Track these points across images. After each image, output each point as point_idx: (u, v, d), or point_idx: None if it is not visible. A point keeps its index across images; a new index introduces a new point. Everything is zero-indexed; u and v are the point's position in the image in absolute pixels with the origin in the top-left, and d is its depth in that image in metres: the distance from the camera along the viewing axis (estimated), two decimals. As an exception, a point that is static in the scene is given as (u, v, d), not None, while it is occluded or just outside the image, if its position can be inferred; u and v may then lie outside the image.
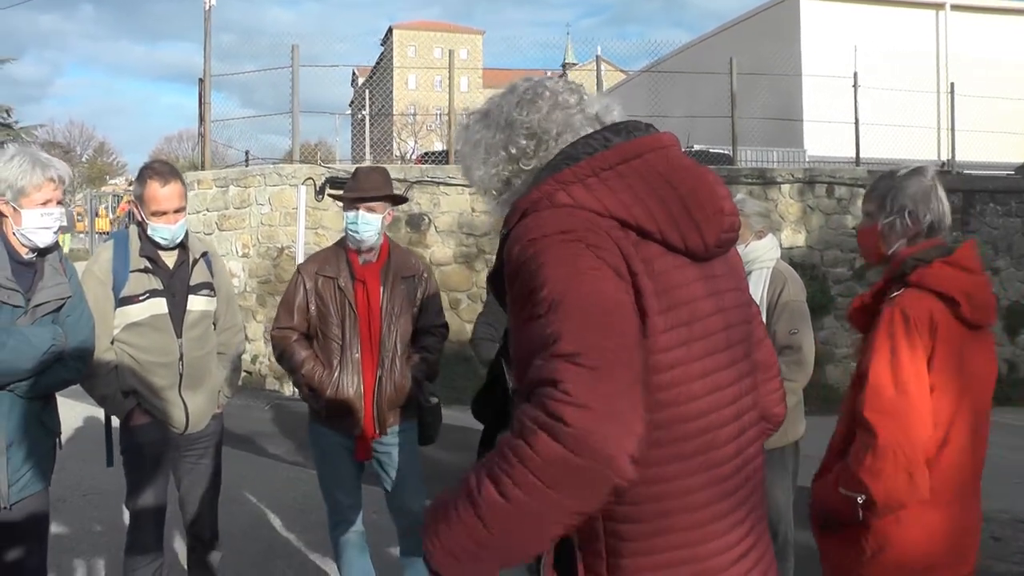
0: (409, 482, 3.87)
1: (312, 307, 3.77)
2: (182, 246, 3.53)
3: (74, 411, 8.16)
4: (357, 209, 3.72)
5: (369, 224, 3.73)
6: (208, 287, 3.58)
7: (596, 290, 1.28)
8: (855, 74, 14.08)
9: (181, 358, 3.46)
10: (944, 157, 15.00)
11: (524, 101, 1.57)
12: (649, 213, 1.40)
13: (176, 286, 3.48)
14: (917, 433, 2.18)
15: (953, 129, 14.62)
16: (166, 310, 3.43)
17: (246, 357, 10.61)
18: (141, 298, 3.39)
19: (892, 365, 2.20)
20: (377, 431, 3.75)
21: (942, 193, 2.42)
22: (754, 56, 15.91)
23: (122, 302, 3.38)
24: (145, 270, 3.42)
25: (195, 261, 3.55)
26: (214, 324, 3.68)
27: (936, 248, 2.37)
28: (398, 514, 3.93)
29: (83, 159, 61.36)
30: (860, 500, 2.20)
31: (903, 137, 15.43)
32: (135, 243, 3.43)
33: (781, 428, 1.85)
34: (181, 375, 3.46)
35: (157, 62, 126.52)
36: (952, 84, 15.31)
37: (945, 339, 2.24)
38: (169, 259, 3.50)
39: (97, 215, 33.42)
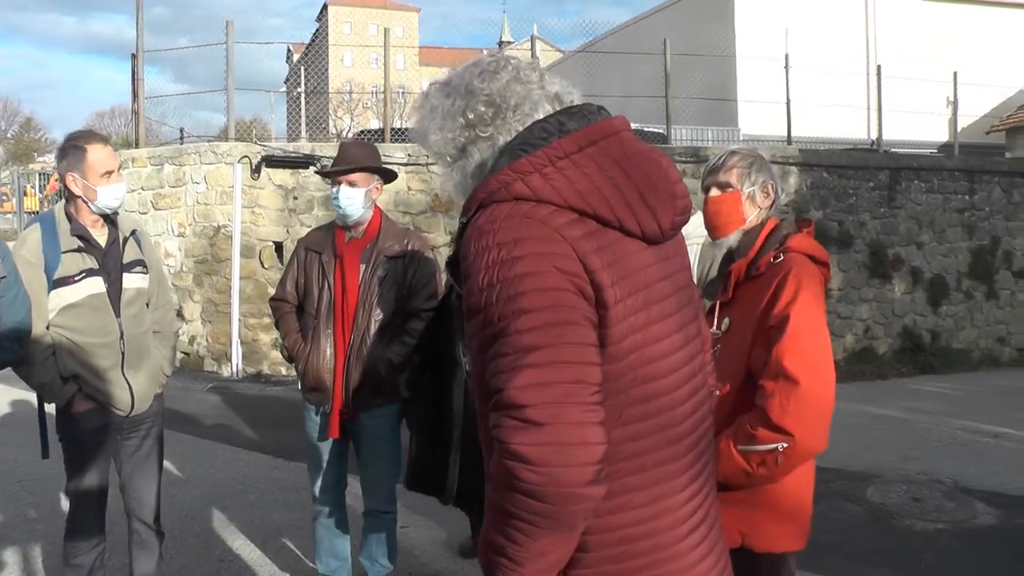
0: (378, 467, 3.90)
1: (301, 280, 3.85)
2: (112, 223, 3.46)
3: (5, 396, 8.00)
4: (339, 184, 3.71)
5: (350, 198, 3.70)
6: (141, 264, 3.52)
7: (543, 315, 1.34)
8: (786, 56, 14.35)
9: (121, 337, 3.40)
10: (872, 136, 15.39)
11: (486, 72, 1.58)
12: (606, 202, 1.43)
13: (110, 264, 3.40)
14: (831, 383, 2.32)
15: (880, 109, 15.01)
16: (103, 289, 3.36)
17: (184, 339, 10.49)
18: (76, 279, 3.30)
19: (809, 321, 2.33)
20: (348, 411, 3.74)
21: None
22: (690, 36, 16.08)
23: (56, 284, 3.28)
24: (78, 249, 3.32)
25: (125, 239, 3.48)
26: (147, 303, 3.61)
27: (790, 221, 2.66)
28: (365, 495, 3.98)
29: (8, 135, 59.31)
30: (781, 448, 2.26)
31: (834, 117, 15.81)
32: (63, 223, 3.34)
33: None
34: (123, 354, 3.40)
35: (87, 34, 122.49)
36: (879, 67, 15.69)
37: (823, 295, 2.48)
38: (100, 237, 3.42)
39: (25, 194, 32.34)
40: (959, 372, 12.48)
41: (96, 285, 3.35)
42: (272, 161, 10.40)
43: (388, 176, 3.93)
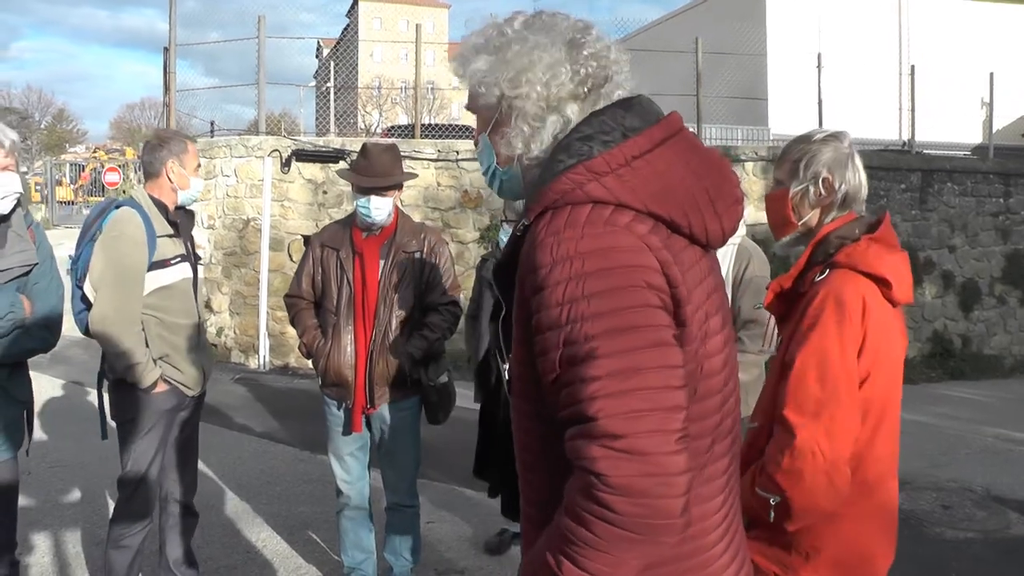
0: (399, 460, 3.92)
1: (318, 277, 3.85)
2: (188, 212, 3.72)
3: (38, 382, 8.09)
4: (368, 195, 3.71)
5: (380, 208, 3.74)
6: (198, 257, 3.74)
7: (640, 336, 1.25)
8: (819, 55, 14.21)
9: (199, 319, 3.63)
10: (905, 137, 15.21)
11: (580, 27, 1.46)
12: (680, 206, 1.35)
13: (188, 251, 3.62)
14: (841, 435, 1.99)
15: (913, 110, 14.83)
16: (191, 275, 3.58)
17: (212, 330, 10.56)
18: (173, 262, 3.47)
19: (819, 360, 2.00)
20: (370, 405, 3.77)
21: (859, 163, 2.23)
22: (721, 34, 15.96)
23: (153, 266, 3.41)
24: (171, 236, 3.49)
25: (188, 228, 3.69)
26: None
27: (858, 223, 2.19)
28: (387, 490, 4.00)
29: (42, 126, 60.06)
30: (773, 502, 2.02)
31: (866, 117, 15.63)
32: (151, 208, 3.46)
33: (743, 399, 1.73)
34: (200, 336, 3.62)
35: (120, 27, 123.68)
36: (912, 66, 15.50)
37: (876, 323, 2.05)
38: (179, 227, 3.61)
39: (58, 183, 32.79)
40: (990, 378, 12.33)
41: (186, 270, 3.55)
42: (302, 155, 10.43)
43: (410, 177, 4.09)
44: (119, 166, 26.67)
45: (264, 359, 10.26)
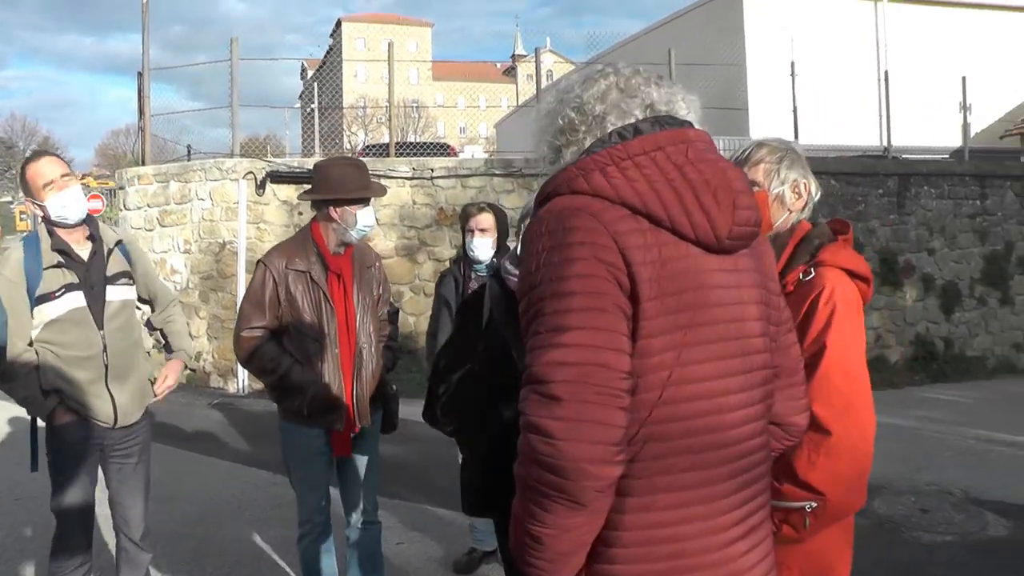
0: (368, 476, 3.84)
1: (283, 303, 3.58)
2: (92, 238, 3.48)
3: (4, 413, 8.02)
4: (363, 208, 3.67)
5: (368, 220, 3.70)
6: (126, 276, 3.55)
7: (578, 300, 1.40)
8: (792, 63, 14.28)
9: (105, 350, 3.41)
10: (884, 142, 15.28)
11: (589, 79, 1.67)
12: (658, 200, 1.47)
13: (93, 278, 3.42)
14: (870, 428, 1.99)
15: (888, 115, 14.90)
16: (84, 303, 3.38)
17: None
18: (57, 294, 3.33)
19: (841, 358, 2.00)
20: (357, 424, 3.70)
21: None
22: (700, 46, 16.06)
23: (39, 300, 3.31)
24: (59, 265, 3.35)
25: (109, 251, 3.50)
26: (152, 308, 3.76)
27: (822, 226, 2.26)
28: (352, 511, 3.86)
29: (26, 154, 59.91)
30: (810, 508, 1.96)
31: (846, 124, 15.70)
32: (45, 240, 3.37)
33: None
34: (106, 367, 3.42)
35: (105, 54, 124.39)
36: (886, 72, 15.59)
37: (862, 320, 2.11)
38: (83, 251, 3.44)
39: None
40: (974, 380, 12.31)
41: (76, 299, 3.37)
42: (277, 177, 10.42)
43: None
44: (102, 193, 26.53)
45: (243, 383, 10.19)
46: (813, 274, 2.11)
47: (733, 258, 1.53)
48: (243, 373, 10.20)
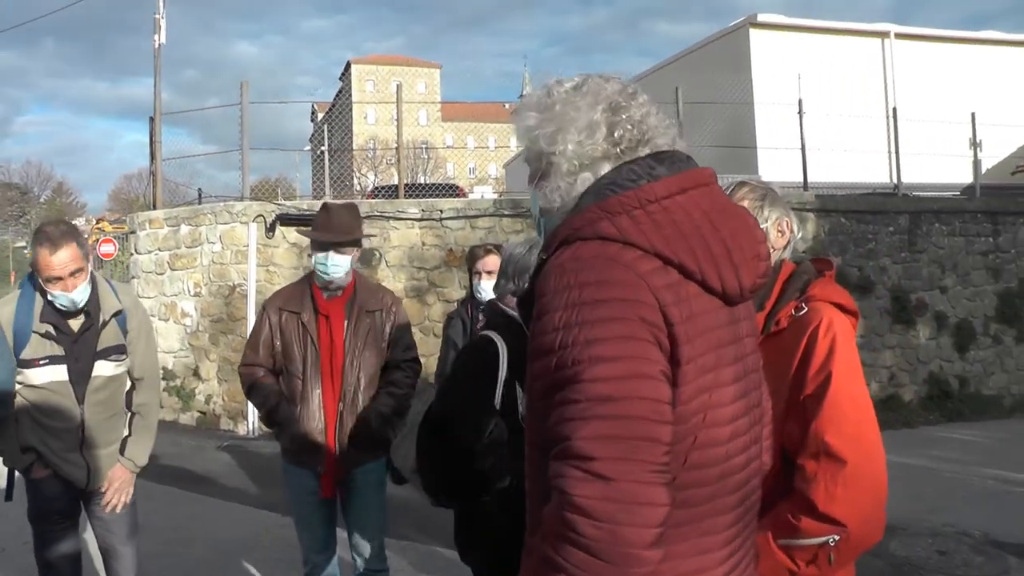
0: (369, 522, 3.82)
1: (277, 342, 3.73)
2: (86, 312, 3.36)
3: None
4: (327, 251, 3.69)
5: (339, 265, 3.70)
6: (118, 350, 3.44)
7: (622, 365, 1.28)
8: (799, 101, 14.33)
9: (82, 424, 3.33)
10: (893, 180, 15.27)
11: (627, 93, 1.55)
12: (692, 252, 1.38)
13: (80, 351, 3.33)
14: (882, 459, 1.97)
15: (897, 152, 14.89)
16: (66, 377, 3.30)
17: (200, 397, 10.49)
18: (40, 363, 3.27)
19: (850, 379, 1.99)
20: (342, 468, 3.69)
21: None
22: (708, 84, 16.15)
23: (21, 364, 3.25)
24: (46, 335, 3.28)
25: (104, 323, 3.39)
26: (137, 380, 3.56)
27: (806, 263, 2.25)
28: (356, 555, 3.87)
29: (41, 200, 60.66)
30: (833, 541, 1.92)
31: (856, 161, 15.71)
32: (39, 303, 3.30)
33: None
34: (82, 439, 3.35)
35: (119, 98, 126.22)
36: (894, 109, 15.63)
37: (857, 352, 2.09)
38: (75, 324, 3.34)
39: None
40: (990, 419, 12.15)
41: (58, 373, 3.30)
42: (286, 219, 10.46)
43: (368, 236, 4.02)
44: (115, 237, 26.74)
45: (252, 425, 10.16)
46: (806, 309, 2.10)
47: (736, 308, 1.49)
48: (252, 415, 10.17)
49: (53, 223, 3.42)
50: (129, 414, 3.56)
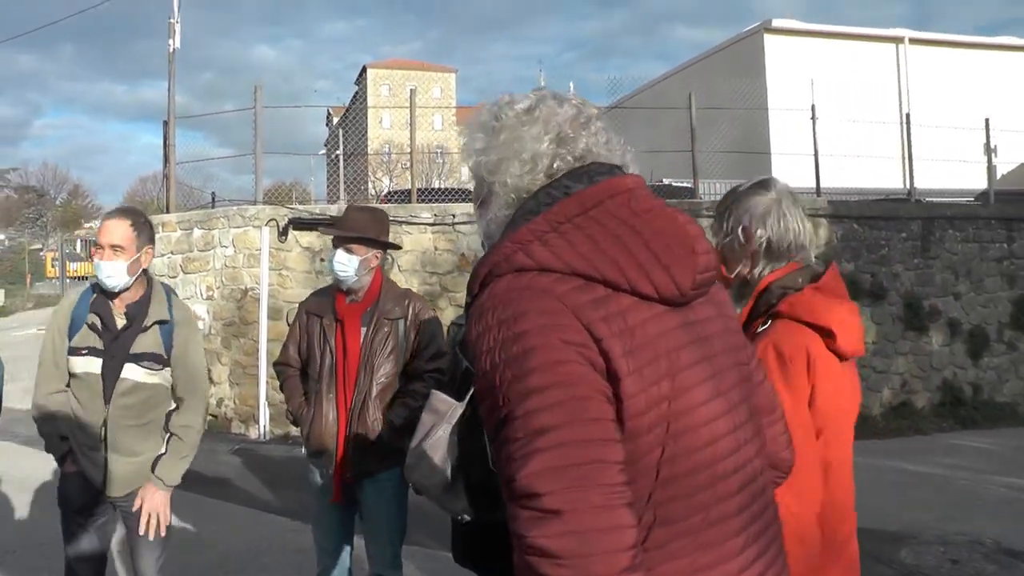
0: (382, 532, 3.82)
1: (303, 344, 3.87)
2: (127, 313, 3.38)
3: (34, 460, 8.05)
4: (336, 248, 3.76)
5: (344, 264, 3.71)
6: (154, 359, 3.36)
7: (553, 393, 1.24)
8: (812, 107, 14.29)
9: (104, 424, 3.32)
10: (907, 185, 15.20)
11: (578, 122, 1.50)
12: (614, 263, 1.33)
13: (116, 349, 3.32)
14: (808, 494, 1.89)
15: (911, 158, 14.82)
16: (99, 371, 3.31)
17: (212, 401, 10.52)
18: (83, 352, 3.33)
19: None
20: (351, 474, 3.69)
21: (790, 210, 2.16)
22: (722, 89, 16.13)
23: (71, 351, 3.34)
24: (92, 326, 3.33)
25: (145, 328, 3.36)
26: (178, 399, 3.47)
27: (802, 272, 2.13)
28: (369, 560, 3.89)
29: (57, 202, 61.10)
30: None
31: (869, 167, 15.66)
32: (95, 296, 3.40)
33: None
34: (104, 439, 3.33)
35: (136, 101, 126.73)
36: (907, 115, 15.57)
37: (824, 375, 1.98)
38: (119, 319, 3.37)
39: (79, 259, 33.30)
40: (1004, 426, 12.05)
41: (94, 365, 3.33)
42: (299, 223, 10.51)
43: (389, 245, 3.91)
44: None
45: (264, 428, 10.20)
46: (769, 325, 2.04)
47: (690, 309, 1.41)
48: (264, 419, 10.21)
49: (128, 206, 3.52)
50: (168, 435, 3.46)
